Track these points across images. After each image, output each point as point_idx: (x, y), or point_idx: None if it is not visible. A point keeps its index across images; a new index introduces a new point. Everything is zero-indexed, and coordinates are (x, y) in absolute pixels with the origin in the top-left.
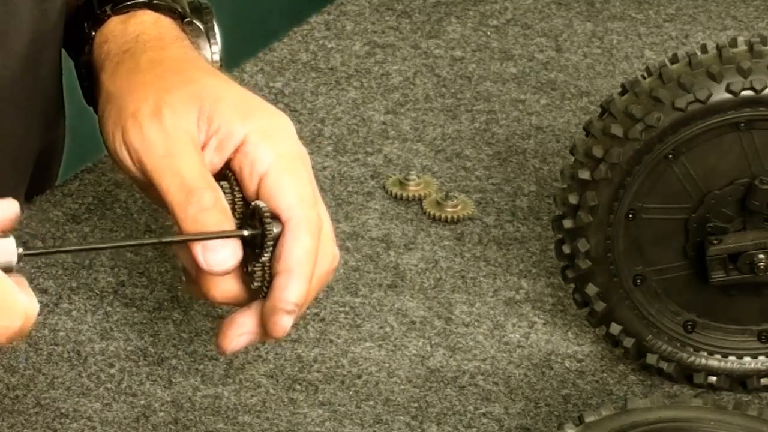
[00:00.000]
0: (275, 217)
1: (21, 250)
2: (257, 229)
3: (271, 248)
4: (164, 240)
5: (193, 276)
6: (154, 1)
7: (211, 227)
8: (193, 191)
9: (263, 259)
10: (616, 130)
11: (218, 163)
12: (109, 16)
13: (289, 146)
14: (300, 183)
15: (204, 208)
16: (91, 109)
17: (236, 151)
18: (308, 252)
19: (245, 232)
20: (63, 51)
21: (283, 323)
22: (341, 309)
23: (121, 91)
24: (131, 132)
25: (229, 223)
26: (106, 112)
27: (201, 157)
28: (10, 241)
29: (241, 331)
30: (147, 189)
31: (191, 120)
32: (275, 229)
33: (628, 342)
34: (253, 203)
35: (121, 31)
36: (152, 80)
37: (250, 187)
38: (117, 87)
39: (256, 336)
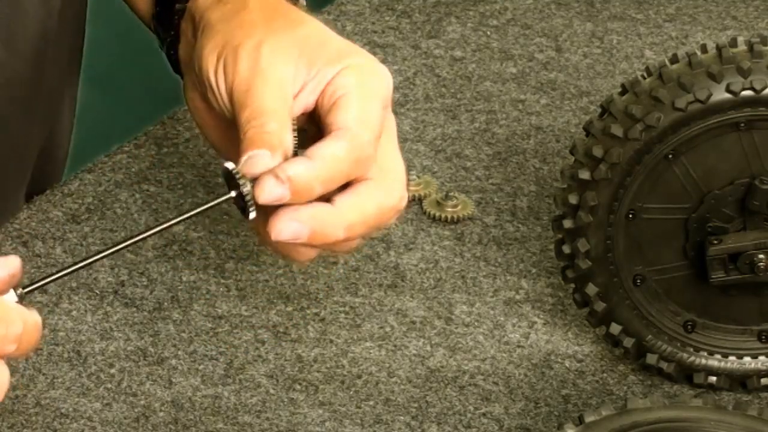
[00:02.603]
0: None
1: (20, 290)
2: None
3: (253, 206)
4: (143, 236)
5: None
6: None
7: (263, 148)
8: (260, 114)
9: (252, 217)
10: (616, 130)
11: (312, 103)
12: None
13: (376, 84)
14: (367, 111)
15: (264, 131)
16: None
17: (328, 83)
18: (335, 155)
19: (233, 194)
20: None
21: (269, 187)
22: (341, 309)
23: (229, 26)
24: (230, 63)
25: (278, 155)
26: (209, 43)
27: (285, 99)
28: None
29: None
30: (218, 131)
31: (288, 62)
32: (248, 186)
33: (628, 342)
34: (223, 167)
35: None
36: (260, 19)
37: (325, 108)
38: (224, 22)
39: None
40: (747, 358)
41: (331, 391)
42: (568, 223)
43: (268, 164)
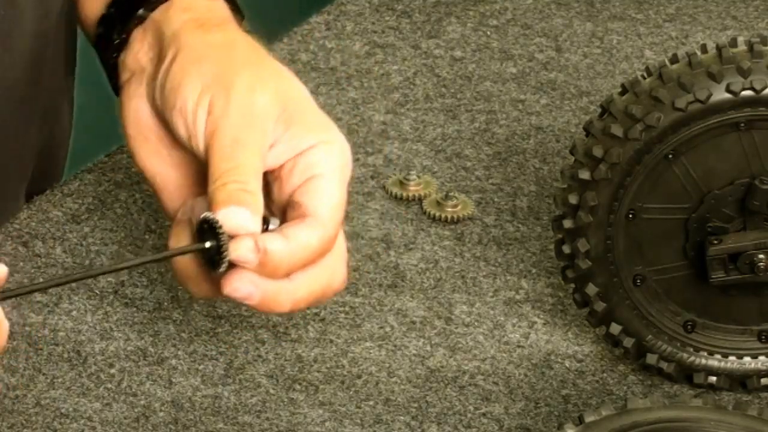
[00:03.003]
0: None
1: None
2: (213, 241)
3: (226, 262)
4: (122, 266)
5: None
6: None
7: (244, 207)
8: (245, 171)
9: (220, 270)
10: (616, 130)
11: (277, 165)
12: None
13: (347, 169)
14: (340, 200)
15: (247, 190)
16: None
17: (301, 153)
18: (309, 244)
19: (208, 244)
20: (66, 49)
21: (244, 250)
22: (341, 309)
23: (218, 59)
24: (218, 102)
25: (257, 219)
26: (192, 69)
27: (263, 154)
28: None
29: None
30: (153, 147)
31: (274, 118)
32: (226, 241)
33: (628, 342)
34: (203, 216)
35: (203, 5)
36: (250, 63)
37: (290, 183)
38: (210, 51)
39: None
40: (747, 358)
41: (331, 391)
42: (568, 223)
43: (248, 225)
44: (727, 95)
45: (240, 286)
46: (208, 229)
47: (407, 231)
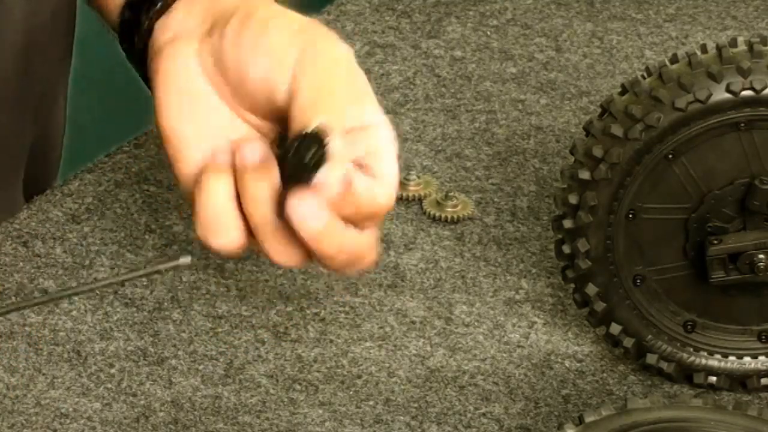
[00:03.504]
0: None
1: None
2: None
3: (318, 173)
4: (107, 281)
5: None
6: None
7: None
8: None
9: (302, 183)
10: (616, 130)
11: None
12: None
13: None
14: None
15: (339, 118)
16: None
17: (360, 127)
18: (378, 197)
19: (189, 259)
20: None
21: (331, 176)
22: (341, 309)
23: (302, 20)
24: (310, 49)
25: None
26: (273, 21)
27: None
28: None
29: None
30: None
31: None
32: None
33: (628, 342)
34: (314, 126)
35: None
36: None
37: (353, 150)
38: (290, 13)
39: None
40: (747, 358)
41: (331, 391)
42: (568, 223)
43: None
44: (727, 95)
45: (311, 202)
46: (305, 138)
47: (407, 231)
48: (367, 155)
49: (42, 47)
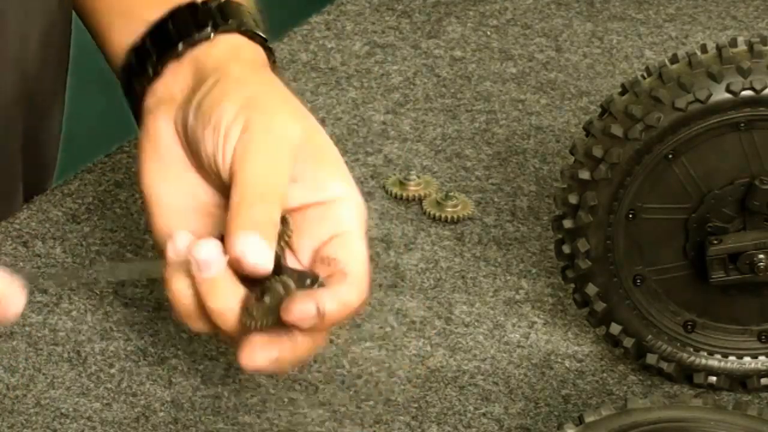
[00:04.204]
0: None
1: None
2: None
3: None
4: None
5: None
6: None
7: (264, 239)
8: (270, 199)
9: (260, 303)
10: (616, 130)
11: (292, 204)
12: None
13: (364, 223)
14: (366, 254)
15: (271, 221)
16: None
17: (322, 204)
18: (351, 301)
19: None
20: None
21: (304, 310)
22: None
23: (259, 86)
24: (256, 122)
25: (272, 254)
26: (232, 91)
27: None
28: None
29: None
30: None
31: (302, 151)
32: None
33: (628, 342)
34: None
35: (246, 47)
36: (288, 97)
37: (316, 234)
38: (253, 79)
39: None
40: (747, 358)
41: (331, 391)
42: (568, 223)
43: (264, 259)
44: (727, 95)
45: (258, 356)
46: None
47: (407, 231)
48: (333, 243)
49: (34, 49)
